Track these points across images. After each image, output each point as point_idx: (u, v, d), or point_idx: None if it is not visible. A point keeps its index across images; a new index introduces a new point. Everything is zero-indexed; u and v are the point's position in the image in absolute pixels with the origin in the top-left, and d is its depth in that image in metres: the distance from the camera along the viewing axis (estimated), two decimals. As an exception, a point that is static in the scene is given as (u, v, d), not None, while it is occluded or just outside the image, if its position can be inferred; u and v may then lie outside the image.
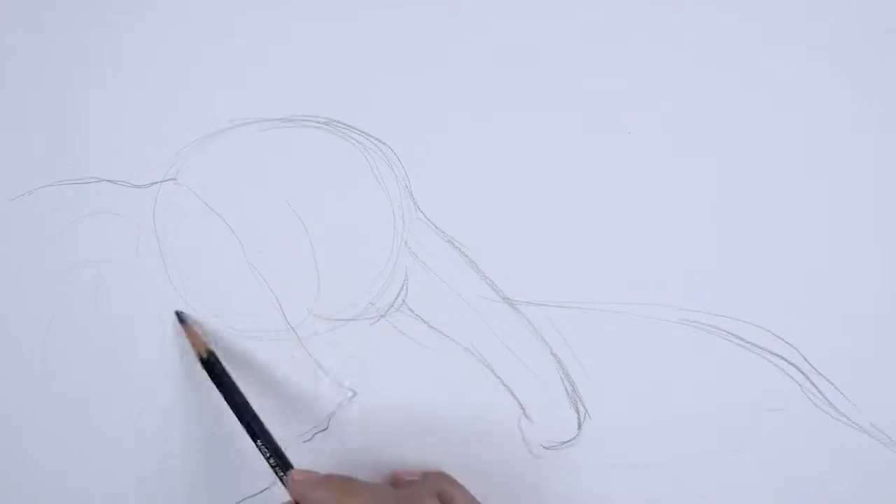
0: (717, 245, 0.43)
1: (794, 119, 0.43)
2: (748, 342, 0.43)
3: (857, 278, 0.43)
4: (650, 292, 0.43)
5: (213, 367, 0.40)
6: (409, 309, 0.43)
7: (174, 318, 0.41)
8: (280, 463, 0.38)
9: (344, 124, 0.43)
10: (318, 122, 0.43)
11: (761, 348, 0.43)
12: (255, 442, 0.38)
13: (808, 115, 0.43)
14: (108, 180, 0.43)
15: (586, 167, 0.43)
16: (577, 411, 0.43)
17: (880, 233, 0.43)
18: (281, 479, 0.38)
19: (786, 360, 0.42)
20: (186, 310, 0.43)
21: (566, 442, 0.43)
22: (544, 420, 0.43)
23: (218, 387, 0.39)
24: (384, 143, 0.43)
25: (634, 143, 0.43)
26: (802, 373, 0.42)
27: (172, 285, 0.43)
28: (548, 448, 0.43)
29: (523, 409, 0.43)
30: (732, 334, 0.43)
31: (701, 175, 0.43)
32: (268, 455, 0.38)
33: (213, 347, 0.40)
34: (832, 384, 0.42)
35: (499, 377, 0.43)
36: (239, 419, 0.39)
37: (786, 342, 0.43)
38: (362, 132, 0.43)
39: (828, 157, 0.43)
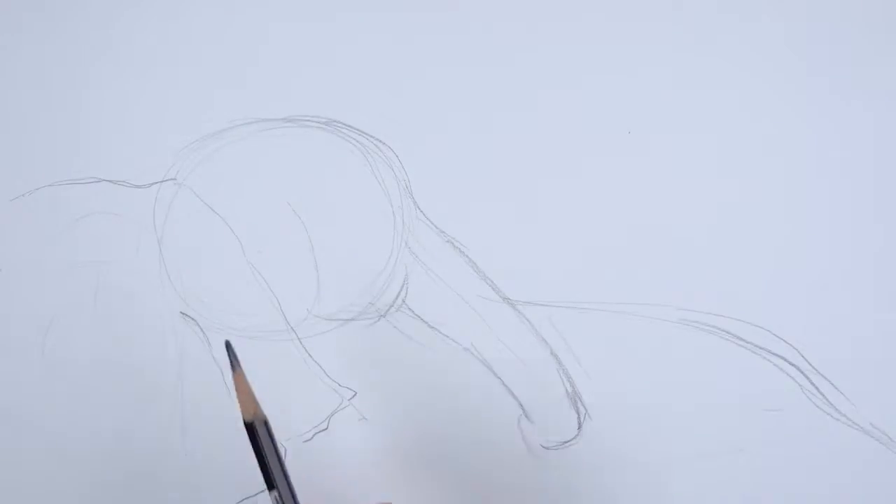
0: (717, 245, 0.43)
1: (794, 119, 0.43)
2: (748, 342, 0.43)
3: (857, 279, 0.43)
4: (650, 292, 0.43)
5: (254, 433, 0.32)
6: (409, 309, 0.43)
7: (225, 350, 0.34)
8: None
9: (344, 124, 0.43)
10: (318, 122, 0.43)
11: (761, 348, 0.43)
12: None
13: (808, 116, 0.43)
14: (108, 180, 0.43)
15: (586, 167, 0.43)
16: (577, 411, 0.43)
17: (880, 233, 0.43)
18: None
19: (786, 360, 0.42)
20: (186, 310, 0.43)
21: (566, 442, 0.43)
22: (544, 420, 0.43)
23: (255, 452, 0.32)
24: (384, 143, 0.43)
25: (634, 143, 0.43)
26: (802, 373, 0.42)
27: (172, 285, 0.43)
28: (548, 448, 0.43)
29: (523, 409, 0.43)
30: (732, 334, 0.43)
31: (701, 175, 0.43)
32: None
33: (264, 414, 0.32)
34: (832, 384, 0.42)
35: (499, 377, 0.43)
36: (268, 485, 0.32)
37: (786, 342, 0.43)
38: (362, 132, 0.43)
39: (828, 157, 0.43)
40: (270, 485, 0.31)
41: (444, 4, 0.43)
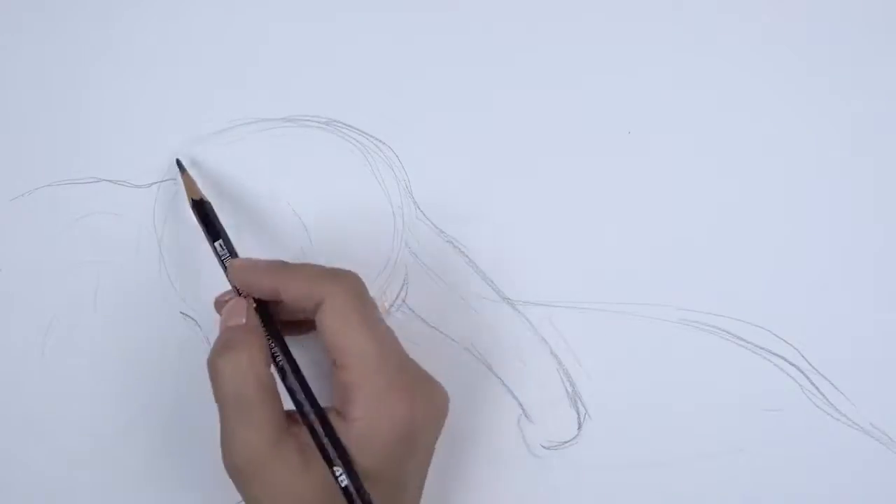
0: (717, 245, 0.43)
1: (794, 119, 0.43)
2: (748, 342, 0.43)
3: (857, 279, 0.43)
4: (650, 292, 0.43)
5: (203, 210, 0.40)
6: (410, 309, 0.43)
7: (175, 165, 0.42)
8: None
9: (344, 124, 0.43)
10: (318, 122, 0.43)
11: (761, 348, 0.43)
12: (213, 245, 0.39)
13: (808, 115, 0.43)
14: (108, 180, 0.43)
15: (587, 167, 0.43)
16: (577, 411, 0.43)
17: (880, 233, 0.43)
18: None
19: (786, 360, 0.43)
20: (186, 310, 0.43)
21: (566, 442, 0.43)
22: (544, 420, 0.43)
23: (204, 227, 0.40)
24: (384, 143, 0.43)
25: (634, 143, 0.43)
26: (802, 373, 0.42)
27: (172, 285, 0.43)
28: (548, 448, 0.43)
29: (523, 409, 0.43)
30: (732, 334, 0.43)
31: (701, 175, 0.43)
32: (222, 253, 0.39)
33: (206, 198, 0.41)
34: (832, 384, 0.42)
35: (499, 377, 0.43)
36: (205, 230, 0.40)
37: (786, 342, 0.43)
38: (362, 132, 0.43)
39: (828, 157, 0.43)
40: (215, 237, 0.39)
41: (445, 4, 0.43)
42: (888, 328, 0.42)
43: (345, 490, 0.34)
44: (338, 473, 0.34)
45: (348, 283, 0.36)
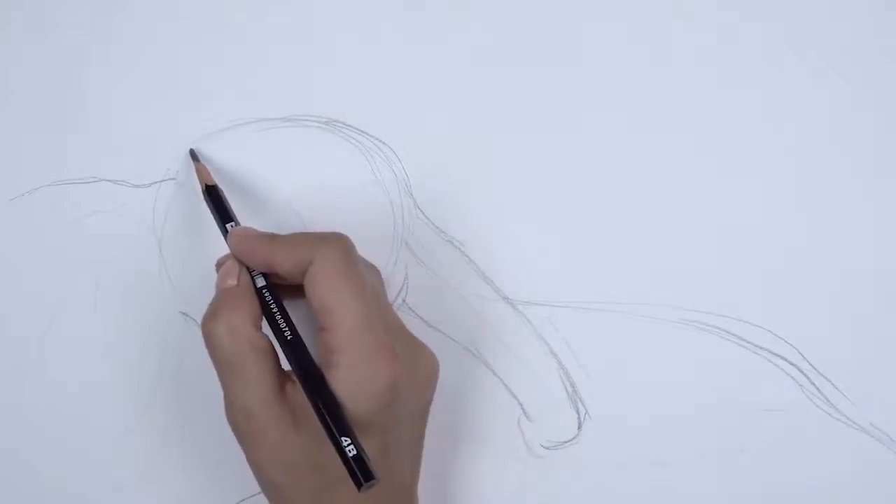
0: (717, 245, 0.43)
1: (795, 119, 0.43)
2: (748, 342, 0.43)
3: (858, 278, 0.43)
4: (650, 292, 0.43)
5: (214, 196, 0.40)
6: (410, 309, 0.43)
7: (187, 155, 0.42)
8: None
9: (344, 124, 0.43)
10: (318, 122, 0.43)
11: (761, 348, 0.43)
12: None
13: (808, 115, 0.43)
14: (108, 180, 0.43)
15: (586, 167, 0.43)
16: (577, 411, 0.43)
17: (880, 232, 0.43)
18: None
19: (786, 360, 0.43)
20: (186, 310, 0.43)
21: (566, 442, 0.43)
22: (544, 420, 0.43)
23: (217, 212, 0.40)
24: (384, 143, 0.43)
25: (635, 143, 0.43)
26: (802, 373, 0.42)
27: (172, 285, 0.43)
28: (548, 448, 0.43)
29: (523, 409, 0.43)
30: (732, 334, 0.43)
31: (701, 175, 0.43)
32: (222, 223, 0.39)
33: (219, 186, 0.41)
34: (832, 384, 0.42)
35: (499, 377, 0.43)
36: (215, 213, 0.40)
37: (786, 342, 0.43)
38: (362, 132, 0.43)
39: (828, 157, 0.43)
40: (227, 220, 0.39)
41: (444, 4, 0.43)
42: (888, 328, 0.42)
43: (335, 443, 0.32)
44: (345, 442, 0.32)
45: (336, 244, 0.36)
